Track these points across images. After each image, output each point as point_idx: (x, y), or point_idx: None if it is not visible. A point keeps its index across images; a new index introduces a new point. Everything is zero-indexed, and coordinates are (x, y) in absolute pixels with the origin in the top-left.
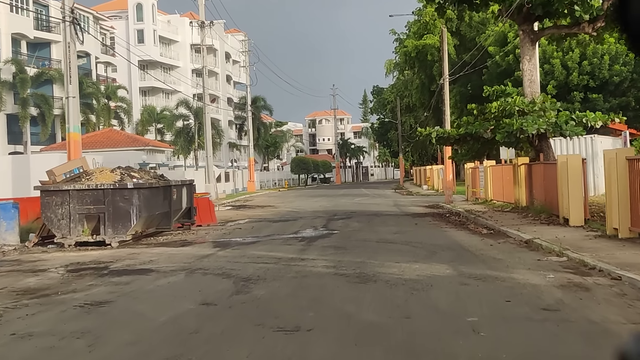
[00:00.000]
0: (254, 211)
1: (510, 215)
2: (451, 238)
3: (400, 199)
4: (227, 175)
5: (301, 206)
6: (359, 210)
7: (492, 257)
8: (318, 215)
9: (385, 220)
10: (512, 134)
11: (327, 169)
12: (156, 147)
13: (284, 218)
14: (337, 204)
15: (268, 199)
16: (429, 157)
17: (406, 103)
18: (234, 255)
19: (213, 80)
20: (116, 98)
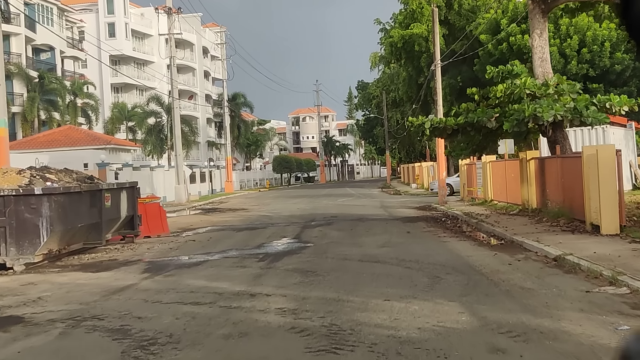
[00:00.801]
0: (222, 216)
1: (520, 220)
2: (454, 252)
3: (388, 200)
4: (203, 176)
5: (277, 209)
6: (341, 213)
7: (518, 285)
8: (293, 220)
9: (371, 227)
10: (523, 122)
11: (311, 168)
12: (119, 145)
13: (252, 225)
14: (317, 206)
15: (244, 200)
16: (417, 153)
17: (392, 98)
18: (160, 287)
19: (190, 76)
20: (82, 94)
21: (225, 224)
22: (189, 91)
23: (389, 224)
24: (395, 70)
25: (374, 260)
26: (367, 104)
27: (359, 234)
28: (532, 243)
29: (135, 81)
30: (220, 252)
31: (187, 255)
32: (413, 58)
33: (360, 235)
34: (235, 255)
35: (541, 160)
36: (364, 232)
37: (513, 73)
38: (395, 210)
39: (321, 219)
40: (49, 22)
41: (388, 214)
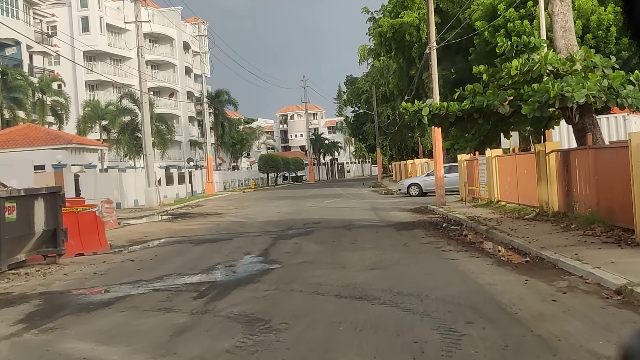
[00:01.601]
0: (189, 223)
1: (542, 227)
2: (469, 278)
3: (379, 201)
4: (182, 177)
5: (254, 214)
6: (325, 218)
7: (585, 349)
8: (267, 229)
9: (358, 238)
10: (546, 104)
11: (299, 167)
12: (83, 145)
13: (217, 235)
14: (300, 210)
15: (223, 203)
16: (409, 150)
17: (382, 92)
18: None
19: (170, 73)
20: (51, 92)
21: (187, 233)
22: (170, 88)
23: (380, 232)
24: (385, 63)
25: (358, 294)
26: (356, 99)
27: (342, 247)
28: (572, 263)
29: (108, 78)
30: (154, 280)
31: (106, 287)
32: (404, 49)
33: (344, 249)
34: (170, 286)
35: (565, 153)
36: (349, 244)
37: (530, 46)
38: (388, 214)
39: (301, 226)
40: (15, 15)
41: (379, 218)
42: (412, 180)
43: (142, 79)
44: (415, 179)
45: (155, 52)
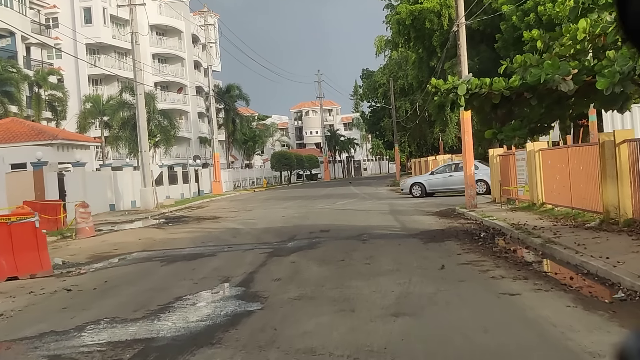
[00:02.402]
0: (177, 230)
1: (618, 241)
2: (552, 339)
3: (399, 202)
4: (186, 176)
5: (256, 218)
6: (336, 224)
7: None
8: (264, 239)
9: (375, 255)
10: (630, 76)
11: (314, 165)
12: (71, 140)
13: (200, 249)
14: (309, 213)
15: (227, 204)
16: (428, 146)
17: (400, 85)
18: None
19: (178, 67)
20: (47, 85)
21: (166, 245)
22: (178, 83)
23: (403, 245)
24: (403, 54)
25: None
26: (373, 93)
27: (353, 270)
28: None
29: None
30: (68, 332)
31: None
32: (424, 37)
33: (355, 274)
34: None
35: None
36: (362, 265)
37: (601, 2)
38: (410, 219)
39: (305, 235)
40: (8, 4)
41: (400, 225)
42: (415, 179)
43: (137, 68)
44: (418, 178)
45: (163, 45)
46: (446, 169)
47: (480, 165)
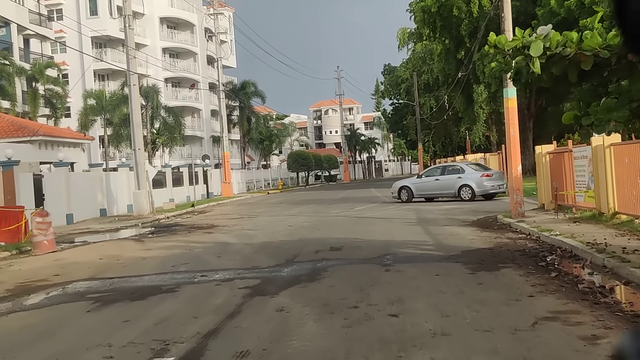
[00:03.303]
0: (152, 246)
1: None
2: None
3: (426, 207)
4: (194, 176)
5: (257, 227)
6: (351, 239)
7: None
8: (254, 261)
9: (405, 297)
10: None
11: (333, 165)
12: (55, 137)
13: (159, 279)
14: (320, 221)
15: (233, 208)
16: (454, 146)
17: (424, 80)
18: None
19: (190, 62)
20: (43, 79)
21: (125, 270)
22: (190, 79)
23: (443, 277)
24: (427, 48)
25: None
26: (395, 89)
27: (373, 336)
28: None
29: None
30: None
31: None
32: (451, 26)
33: (376, 344)
34: None
35: None
36: (386, 322)
37: None
38: (444, 232)
39: (310, 255)
40: None
41: (433, 240)
42: (403, 183)
43: (131, 56)
44: (405, 181)
45: (174, 39)
46: (434, 172)
47: (467, 168)
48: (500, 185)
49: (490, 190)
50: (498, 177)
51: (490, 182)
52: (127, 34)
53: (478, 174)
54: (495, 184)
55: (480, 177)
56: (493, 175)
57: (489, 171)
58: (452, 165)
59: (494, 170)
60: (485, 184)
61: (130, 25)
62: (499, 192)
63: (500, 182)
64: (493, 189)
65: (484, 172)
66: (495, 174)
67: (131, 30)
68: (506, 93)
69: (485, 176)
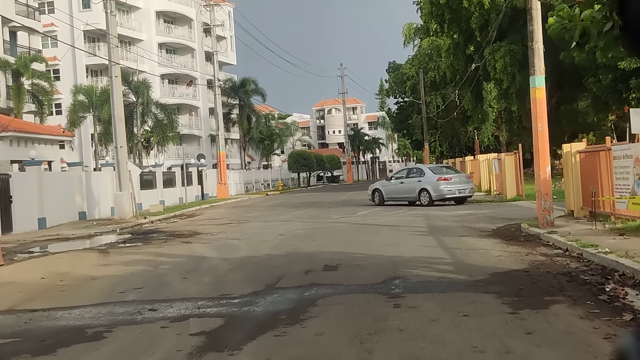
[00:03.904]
0: (119, 259)
1: None
2: None
3: (436, 213)
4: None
5: (244, 236)
6: (350, 255)
7: None
8: (226, 287)
9: (425, 356)
10: None
11: (336, 165)
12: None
13: (98, 311)
14: (317, 229)
15: (224, 212)
16: (462, 146)
17: (431, 78)
18: None
19: (188, 58)
20: (28, 73)
21: (58, 298)
22: (187, 76)
23: (473, 318)
24: (434, 44)
25: None
26: (401, 86)
27: None
28: None
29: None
30: None
31: None
32: (460, 19)
33: None
34: None
35: None
36: None
37: None
38: (461, 243)
39: (297, 277)
40: None
41: (450, 257)
42: (375, 185)
43: (113, 45)
44: (377, 184)
45: (171, 33)
46: (401, 175)
47: (427, 171)
48: (460, 189)
49: (447, 195)
50: (459, 181)
51: (448, 186)
52: (108, 21)
53: (435, 177)
54: (454, 188)
55: (436, 180)
56: (452, 179)
57: (447, 174)
58: (416, 168)
59: (456, 174)
60: (442, 188)
61: (112, 11)
62: (459, 196)
63: (460, 186)
64: (450, 194)
65: (440, 176)
66: (456, 177)
67: (113, 16)
68: (533, 82)
69: (442, 180)
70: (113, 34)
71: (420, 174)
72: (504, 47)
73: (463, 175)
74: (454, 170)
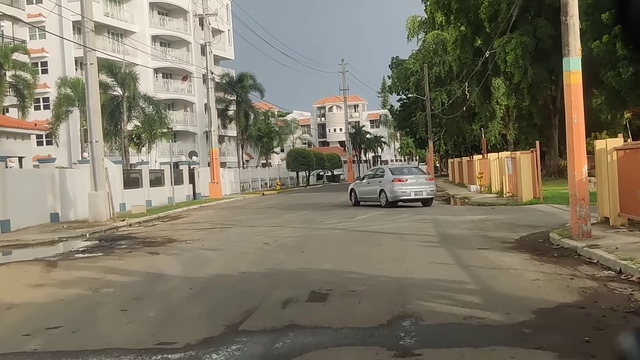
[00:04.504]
0: (58, 277)
1: None
2: None
3: (445, 218)
4: (178, 176)
5: (223, 246)
6: (347, 273)
7: None
8: (171, 333)
9: None
10: None
11: (336, 164)
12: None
13: None
14: (310, 237)
15: (211, 214)
16: (467, 145)
17: (436, 73)
18: None
19: (183, 52)
20: (8, 64)
21: None
22: (183, 70)
23: None
24: (439, 38)
25: None
26: (404, 82)
27: None
28: None
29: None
30: None
31: None
32: (468, 9)
33: None
34: None
35: None
36: None
37: None
38: (481, 259)
39: (271, 317)
40: None
41: (474, 281)
42: (351, 185)
43: (88, 29)
44: (352, 184)
45: (166, 26)
46: (370, 174)
47: (387, 172)
48: (417, 191)
49: (401, 197)
50: (416, 183)
51: (403, 187)
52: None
53: (392, 178)
54: (409, 190)
55: (392, 182)
56: (407, 180)
57: (403, 175)
58: (379, 168)
59: (414, 175)
60: (396, 190)
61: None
62: (415, 198)
63: (417, 188)
64: (405, 195)
65: (396, 177)
66: (413, 178)
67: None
68: (567, 64)
69: (397, 181)
70: (89, 17)
71: (382, 175)
72: (515, 38)
73: (422, 176)
74: (420, 171)
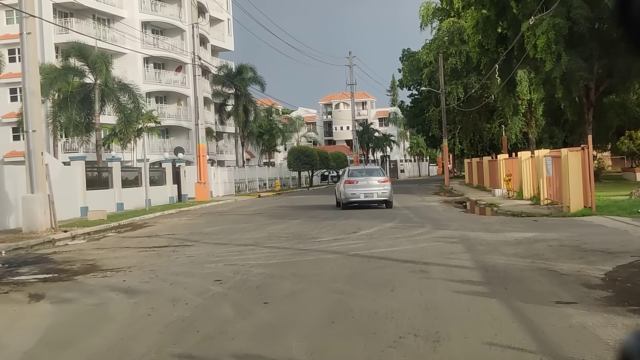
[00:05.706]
0: None
1: None
2: None
3: (480, 236)
4: (160, 175)
5: (159, 280)
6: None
7: None
8: None
9: None
10: None
11: (342, 164)
12: None
13: None
14: (287, 268)
15: (185, 222)
16: (485, 144)
17: (451, 65)
18: None
19: (178, 41)
20: None
21: None
22: (176, 60)
23: None
24: (456, 26)
25: None
26: (416, 75)
27: None
28: None
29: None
30: None
31: None
32: None
33: None
34: None
35: None
36: None
37: None
38: (576, 333)
39: None
40: None
41: None
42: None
43: None
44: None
45: (158, 11)
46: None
47: (346, 172)
48: (367, 193)
49: (351, 199)
50: (367, 185)
51: (353, 189)
52: None
53: (344, 180)
54: (359, 192)
55: (344, 184)
56: (357, 182)
57: (354, 177)
58: (346, 169)
59: (364, 177)
60: (347, 192)
61: None
62: (365, 200)
63: (367, 190)
64: (354, 197)
65: (348, 179)
66: (364, 180)
67: None
68: None
69: (348, 183)
70: None
71: (343, 176)
72: (548, 20)
73: (374, 178)
74: (379, 173)
